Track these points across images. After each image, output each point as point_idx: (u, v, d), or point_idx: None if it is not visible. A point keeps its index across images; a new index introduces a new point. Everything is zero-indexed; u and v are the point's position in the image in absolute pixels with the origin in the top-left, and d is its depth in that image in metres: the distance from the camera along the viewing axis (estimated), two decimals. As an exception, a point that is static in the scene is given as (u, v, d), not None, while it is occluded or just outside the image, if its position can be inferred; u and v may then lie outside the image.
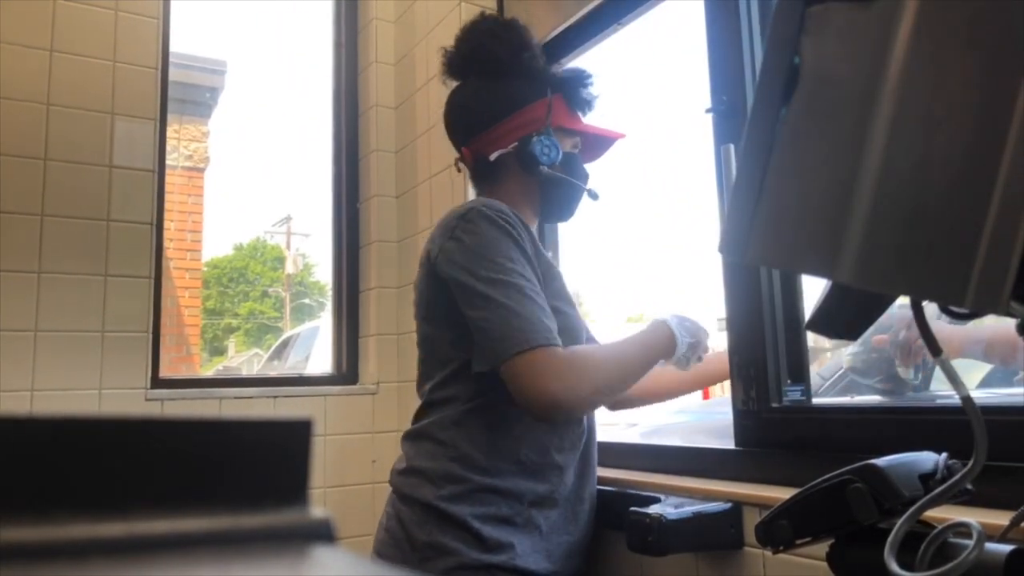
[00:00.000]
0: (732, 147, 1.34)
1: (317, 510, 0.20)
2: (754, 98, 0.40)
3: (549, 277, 1.21)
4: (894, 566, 0.52)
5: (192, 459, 0.18)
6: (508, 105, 1.31)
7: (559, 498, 1.19)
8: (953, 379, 0.47)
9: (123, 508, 0.17)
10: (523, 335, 1.07)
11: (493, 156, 1.31)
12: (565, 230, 2.00)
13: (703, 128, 1.45)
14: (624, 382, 1.18)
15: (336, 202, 2.41)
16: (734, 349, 1.33)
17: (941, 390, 1.55)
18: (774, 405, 1.26)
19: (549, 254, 1.30)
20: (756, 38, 1.38)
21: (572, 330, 1.20)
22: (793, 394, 1.27)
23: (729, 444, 1.32)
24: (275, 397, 2.12)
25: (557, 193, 1.33)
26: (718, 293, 1.37)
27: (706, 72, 1.45)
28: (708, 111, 1.43)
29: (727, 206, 0.41)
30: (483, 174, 1.35)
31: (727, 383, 1.38)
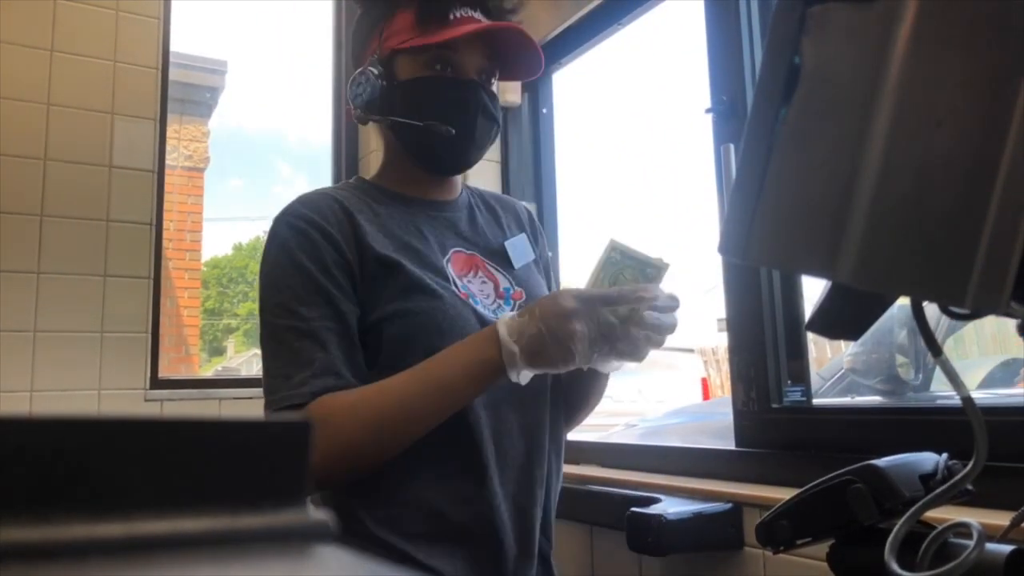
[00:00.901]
0: (732, 147, 1.34)
1: (316, 511, 0.20)
2: (754, 98, 0.40)
3: (387, 275, 0.95)
4: (894, 566, 0.52)
5: (191, 460, 0.18)
6: (360, 40, 1.07)
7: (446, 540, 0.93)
8: (953, 379, 0.47)
9: (122, 508, 0.17)
10: (266, 400, 0.91)
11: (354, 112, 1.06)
12: (565, 227, 2.00)
13: (703, 128, 1.45)
14: (393, 432, 0.87)
15: (336, 202, 2.41)
16: (734, 350, 1.33)
17: (941, 390, 1.55)
18: (774, 406, 1.26)
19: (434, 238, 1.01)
20: (756, 38, 1.39)
21: (424, 326, 0.92)
22: (793, 395, 1.27)
23: (730, 445, 1.32)
24: (275, 397, 2.11)
25: (404, 139, 1.03)
26: (718, 293, 1.37)
27: (706, 72, 1.45)
28: (708, 111, 1.43)
29: (727, 206, 0.41)
30: None
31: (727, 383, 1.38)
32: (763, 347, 1.28)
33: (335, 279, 0.94)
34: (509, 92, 2.02)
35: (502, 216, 1.14)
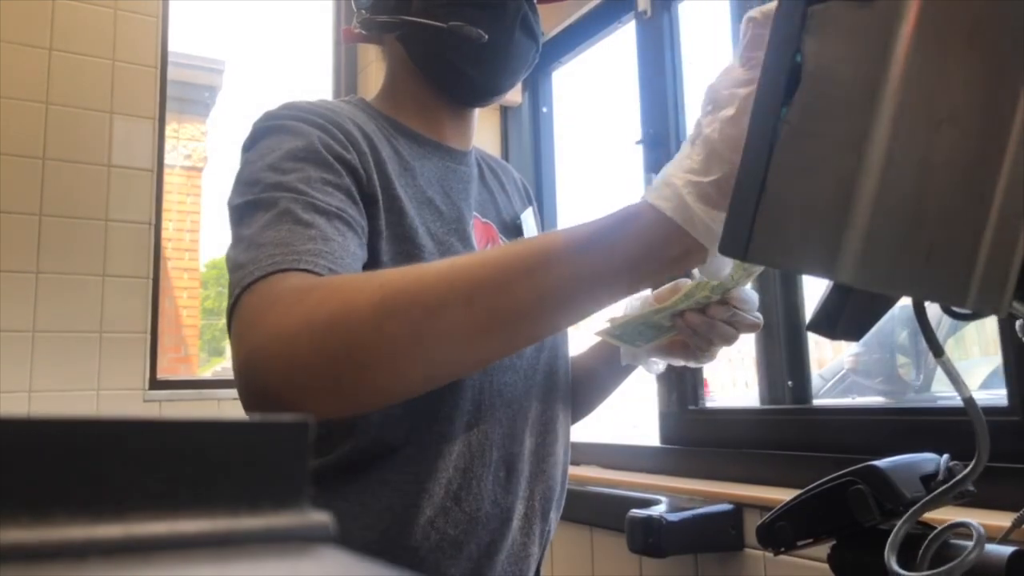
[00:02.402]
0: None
1: (316, 512, 0.20)
2: (756, 98, 0.40)
3: (392, 210, 0.73)
4: (894, 566, 0.52)
5: (190, 460, 0.18)
6: None
7: None
8: (955, 380, 0.47)
9: (121, 509, 0.17)
10: (249, 268, 0.60)
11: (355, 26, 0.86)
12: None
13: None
14: (441, 320, 0.52)
15: (335, 202, 2.41)
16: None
17: (942, 391, 1.55)
18: (690, 407, 1.34)
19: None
20: (679, 69, 1.52)
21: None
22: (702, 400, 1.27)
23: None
24: (274, 397, 2.11)
25: (420, 53, 0.81)
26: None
27: (701, 72, 1.48)
28: (638, 143, 1.51)
29: (729, 206, 0.41)
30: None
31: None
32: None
33: (348, 166, 0.70)
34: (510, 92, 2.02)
35: (505, 182, 0.95)
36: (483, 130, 2.04)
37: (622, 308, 0.80)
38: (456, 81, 0.82)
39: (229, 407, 2.04)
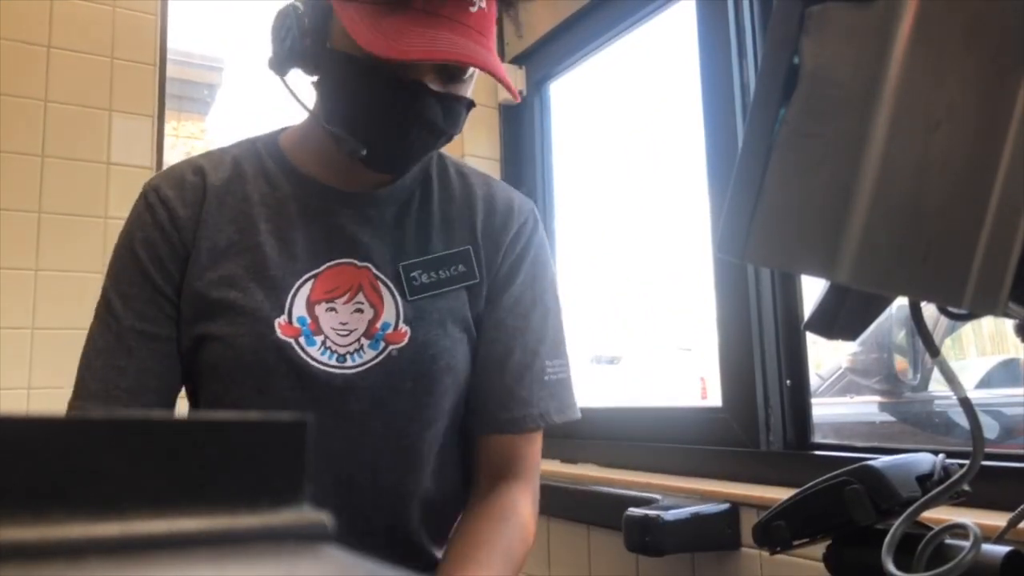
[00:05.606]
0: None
1: (314, 510, 0.20)
2: (753, 98, 0.40)
3: (217, 256, 0.83)
4: (891, 567, 0.52)
5: (188, 458, 0.18)
6: None
7: None
8: (951, 380, 0.47)
9: (120, 508, 0.17)
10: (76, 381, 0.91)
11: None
12: (562, 230, 1.99)
13: (697, 134, 1.45)
14: None
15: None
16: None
17: (939, 391, 1.56)
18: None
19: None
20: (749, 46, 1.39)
21: (222, 355, 0.81)
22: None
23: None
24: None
25: (324, 104, 0.82)
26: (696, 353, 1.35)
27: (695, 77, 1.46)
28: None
29: (726, 205, 0.41)
30: None
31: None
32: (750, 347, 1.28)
33: (168, 275, 0.84)
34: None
35: (456, 221, 0.89)
36: (482, 130, 2.04)
37: None
38: (356, 159, 0.80)
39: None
